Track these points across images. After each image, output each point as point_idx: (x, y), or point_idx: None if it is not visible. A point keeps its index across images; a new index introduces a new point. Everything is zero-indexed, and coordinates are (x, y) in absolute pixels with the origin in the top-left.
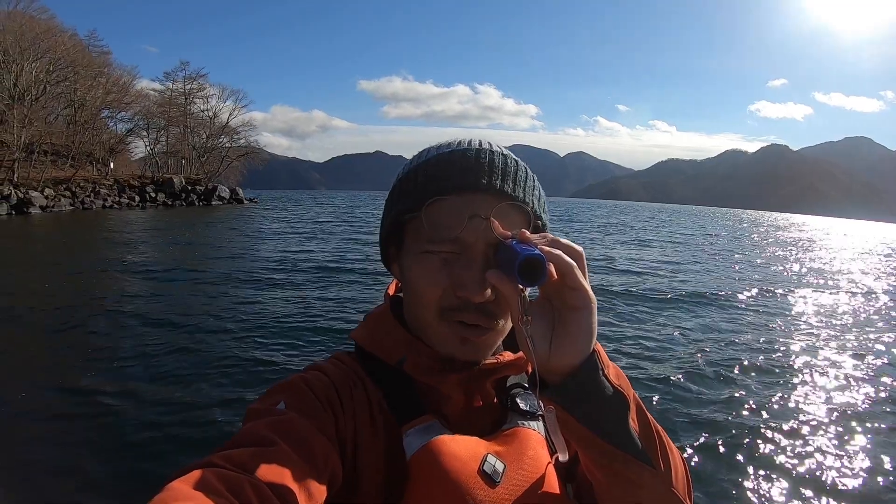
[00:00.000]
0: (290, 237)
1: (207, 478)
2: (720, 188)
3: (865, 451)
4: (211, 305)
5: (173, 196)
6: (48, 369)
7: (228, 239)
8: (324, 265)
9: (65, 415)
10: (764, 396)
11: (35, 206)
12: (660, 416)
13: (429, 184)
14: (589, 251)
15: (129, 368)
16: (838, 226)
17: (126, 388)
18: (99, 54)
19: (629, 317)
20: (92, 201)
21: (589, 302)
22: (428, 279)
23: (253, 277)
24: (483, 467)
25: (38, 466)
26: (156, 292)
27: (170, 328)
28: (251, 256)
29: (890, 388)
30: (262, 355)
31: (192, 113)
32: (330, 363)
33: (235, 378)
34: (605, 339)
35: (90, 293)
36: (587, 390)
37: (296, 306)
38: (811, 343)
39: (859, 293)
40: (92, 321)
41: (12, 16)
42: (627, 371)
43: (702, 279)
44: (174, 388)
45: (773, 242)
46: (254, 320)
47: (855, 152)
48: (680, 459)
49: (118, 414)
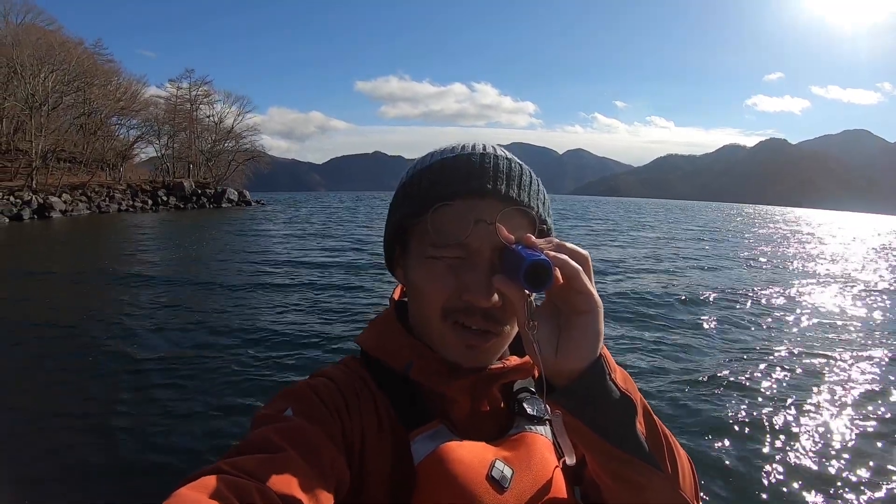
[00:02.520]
0: (299, 239)
1: (216, 485)
2: (719, 183)
3: (876, 451)
4: (223, 309)
5: (184, 199)
6: (56, 372)
7: (244, 241)
8: (330, 268)
9: (71, 419)
10: (772, 396)
11: (56, 211)
12: (667, 418)
13: (433, 189)
14: (607, 252)
15: (140, 372)
16: (848, 220)
17: (135, 394)
18: (104, 62)
19: (635, 319)
20: (108, 205)
21: (595, 306)
22: (433, 284)
23: (262, 281)
24: (491, 473)
25: (43, 473)
26: (170, 296)
27: (181, 332)
28: (262, 258)
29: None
30: (269, 361)
31: (199, 119)
32: (336, 369)
33: (243, 384)
34: (611, 342)
35: (104, 296)
36: (594, 394)
37: (303, 310)
38: (821, 342)
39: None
40: (108, 323)
41: (28, 29)
42: (633, 373)
43: (713, 278)
44: (182, 393)
45: (783, 238)
46: (262, 325)
47: (854, 145)
48: (687, 461)
49: (125, 420)
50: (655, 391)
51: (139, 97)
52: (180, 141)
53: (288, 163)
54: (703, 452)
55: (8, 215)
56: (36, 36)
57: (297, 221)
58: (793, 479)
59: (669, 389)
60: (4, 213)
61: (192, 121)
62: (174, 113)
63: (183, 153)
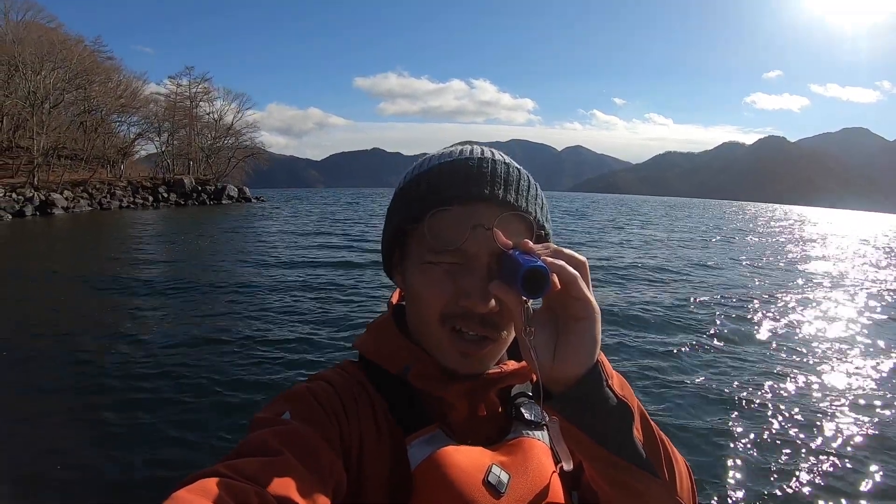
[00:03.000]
0: (297, 237)
1: (213, 488)
2: (718, 180)
3: (877, 452)
4: (224, 310)
5: (184, 196)
6: (56, 372)
7: (244, 239)
8: (329, 269)
9: (70, 418)
10: (771, 399)
11: (58, 208)
12: (664, 425)
13: (431, 193)
14: (606, 253)
15: (139, 372)
16: (850, 219)
17: (134, 394)
18: (104, 59)
19: (633, 324)
20: (109, 202)
21: (592, 312)
22: (431, 290)
23: (260, 282)
24: (488, 478)
25: (44, 473)
26: (170, 296)
27: (181, 332)
28: (261, 258)
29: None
30: (268, 363)
31: (198, 116)
32: (334, 372)
33: (241, 386)
34: (607, 348)
35: (105, 295)
36: (591, 401)
37: (301, 312)
38: (824, 348)
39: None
40: (109, 323)
41: (29, 27)
42: (630, 379)
43: (713, 278)
44: (181, 394)
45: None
46: (261, 326)
47: (853, 143)
48: (685, 467)
49: (125, 420)
50: (652, 397)
51: (139, 94)
52: (180, 138)
53: (286, 159)
54: (701, 459)
55: (10, 212)
56: (38, 34)
57: (296, 219)
58: (793, 485)
59: (667, 395)
60: (7, 210)
61: (192, 118)
62: (174, 110)
63: (183, 150)
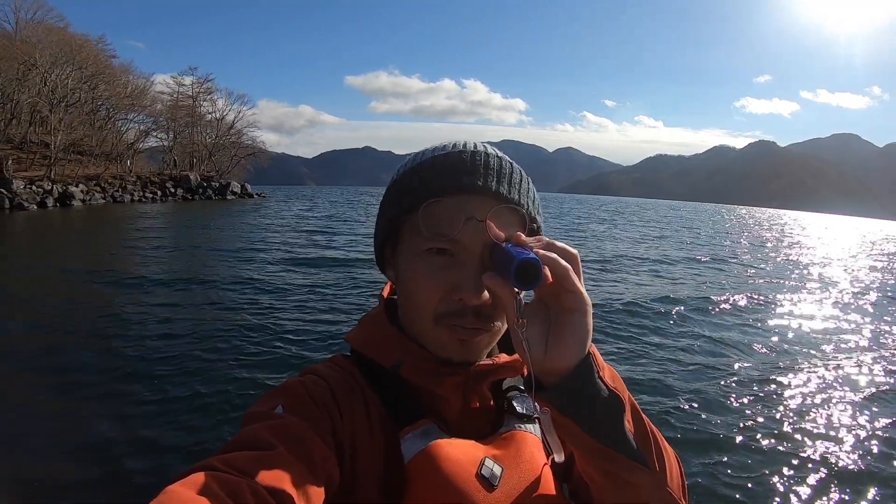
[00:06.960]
0: (297, 233)
1: (207, 482)
2: (709, 184)
3: (871, 450)
4: (221, 305)
5: (191, 191)
6: (56, 371)
7: (250, 232)
8: (320, 264)
9: (70, 418)
10: (762, 395)
11: (76, 200)
12: (655, 417)
13: (424, 186)
14: (603, 254)
15: (139, 370)
16: (841, 224)
17: (133, 391)
18: (108, 58)
19: (625, 320)
20: (122, 195)
21: (584, 304)
22: (424, 282)
23: (255, 276)
24: (481, 471)
25: (44, 473)
26: (171, 296)
27: (180, 329)
28: (260, 255)
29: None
30: (262, 357)
31: (201, 115)
32: (327, 366)
33: (235, 381)
34: (599, 342)
35: (113, 292)
36: (582, 392)
37: (295, 307)
38: (817, 349)
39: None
40: (111, 323)
41: (40, 26)
42: (622, 372)
43: (704, 280)
44: (178, 389)
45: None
46: (255, 321)
47: (843, 149)
48: (675, 459)
49: (124, 419)
50: (643, 389)
51: (147, 93)
52: (184, 136)
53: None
54: (692, 451)
55: (34, 203)
56: (57, 36)
57: (295, 216)
58: (783, 481)
59: (658, 388)
60: (30, 202)
61: (195, 116)
62: (176, 109)
63: (187, 147)
